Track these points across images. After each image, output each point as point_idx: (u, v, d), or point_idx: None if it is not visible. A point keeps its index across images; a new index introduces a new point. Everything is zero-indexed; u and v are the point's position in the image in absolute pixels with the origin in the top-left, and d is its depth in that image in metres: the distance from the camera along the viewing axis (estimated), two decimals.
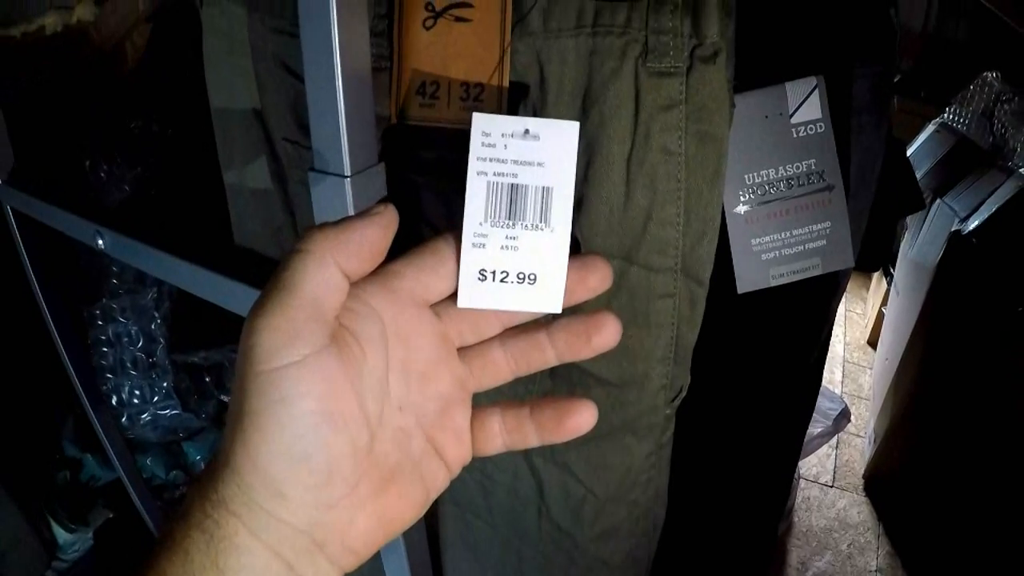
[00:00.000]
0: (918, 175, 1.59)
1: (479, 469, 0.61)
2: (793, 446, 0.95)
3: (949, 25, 2.28)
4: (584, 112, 0.44)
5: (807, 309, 0.68)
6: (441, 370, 0.32)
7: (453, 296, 0.32)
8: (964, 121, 1.61)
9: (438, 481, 0.32)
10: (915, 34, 2.34)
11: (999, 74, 1.60)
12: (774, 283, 0.62)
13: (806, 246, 0.62)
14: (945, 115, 1.66)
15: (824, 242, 0.62)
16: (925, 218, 1.57)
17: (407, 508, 0.31)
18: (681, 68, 0.42)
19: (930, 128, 1.67)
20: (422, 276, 0.31)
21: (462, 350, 0.33)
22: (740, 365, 0.69)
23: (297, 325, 0.26)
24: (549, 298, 0.32)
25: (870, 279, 2.45)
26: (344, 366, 0.27)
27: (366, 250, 0.28)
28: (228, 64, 0.58)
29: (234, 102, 0.59)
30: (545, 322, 0.33)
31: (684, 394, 0.55)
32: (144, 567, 0.26)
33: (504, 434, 0.33)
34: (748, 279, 0.61)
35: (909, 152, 1.65)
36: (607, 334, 0.32)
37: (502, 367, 0.33)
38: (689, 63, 0.43)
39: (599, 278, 0.32)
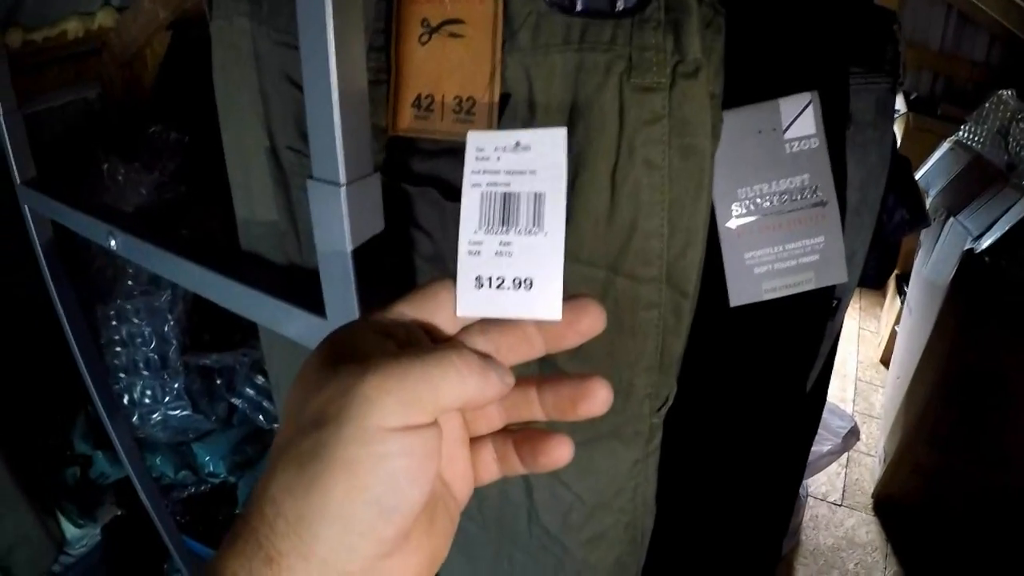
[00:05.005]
0: (932, 193, 1.58)
1: None
2: (794, 462, 0.94)
3: (965, 43, 2.27)
4: (570, 126, 0.45)
5: (802, 324, 0.68)
6: (451, 421, 0.33)
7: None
8: (979, 139, 1.60)
9: (454, 514, 0.34)
10: (932, 52, 2.33)
11: (1015, 92, 1.59)
12: (767, 297, 0.62)
13: (799, 260, 0.62)
14: (960, 133, 1.65)
15: (817, 257, 0.62)
16: (938, 236, 1.56)
17: (444, 541, 0.33)
18: (664, 83, 0.43)
19: (945, 146, 1.66)
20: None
21: None
22: (736, 379, 0.69)
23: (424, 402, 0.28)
24: (547, 304, 0.33)
25: (884, 297, 2.43)
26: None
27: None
28: (236, 75, 0.60)
29: (241, 111, 0.61)
30: (538, 377, 0.34)
31: (670, 403, 0.56)
32: None
33: (497, 462, 0.35)
34: (740, 292, 0.62)
35: (924, 169, 1.64)
36: (595, 404, 0.32)
37: (494, 417, 0.35)
38: (672, 79, 0.44)
39: (591, 322, 0.32)
